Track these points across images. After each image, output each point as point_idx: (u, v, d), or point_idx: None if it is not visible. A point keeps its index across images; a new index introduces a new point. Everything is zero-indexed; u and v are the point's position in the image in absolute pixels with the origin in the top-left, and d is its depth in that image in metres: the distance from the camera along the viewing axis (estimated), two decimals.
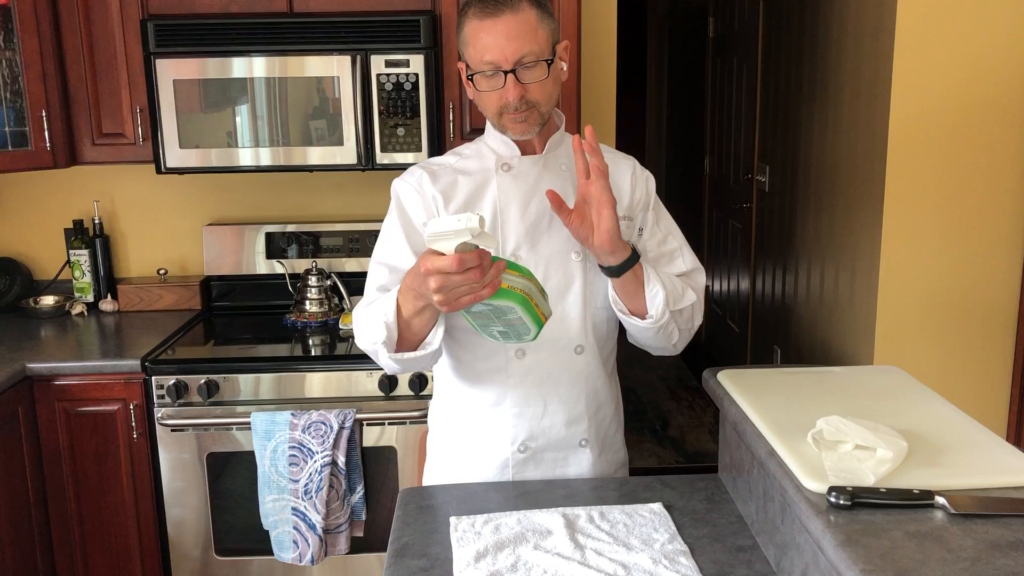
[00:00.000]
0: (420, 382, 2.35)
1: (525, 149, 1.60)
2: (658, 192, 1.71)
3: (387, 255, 1.58)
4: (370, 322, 1.47)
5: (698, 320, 1.62)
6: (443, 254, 1.22)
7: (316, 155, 2.50)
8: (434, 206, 1.57)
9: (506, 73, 1.45)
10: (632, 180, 1.64)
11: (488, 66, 1.46)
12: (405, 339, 1.45)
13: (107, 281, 2.91)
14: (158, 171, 2.52)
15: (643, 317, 1.53)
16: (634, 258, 1.49)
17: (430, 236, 1.21)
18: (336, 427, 2.26)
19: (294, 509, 2.28)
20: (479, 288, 1.24)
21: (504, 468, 1.62)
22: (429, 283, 1.24)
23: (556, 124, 1.63)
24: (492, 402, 1.61)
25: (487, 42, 1.45)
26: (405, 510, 1.48)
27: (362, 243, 2.83)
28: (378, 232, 1.63)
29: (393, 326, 1.42)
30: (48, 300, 2.86)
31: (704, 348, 5.28)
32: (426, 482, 1.76)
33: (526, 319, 1.31)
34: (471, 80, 1.50)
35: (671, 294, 1.53)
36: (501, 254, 1.53)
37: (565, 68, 1.56)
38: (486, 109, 1.54)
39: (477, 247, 1.21)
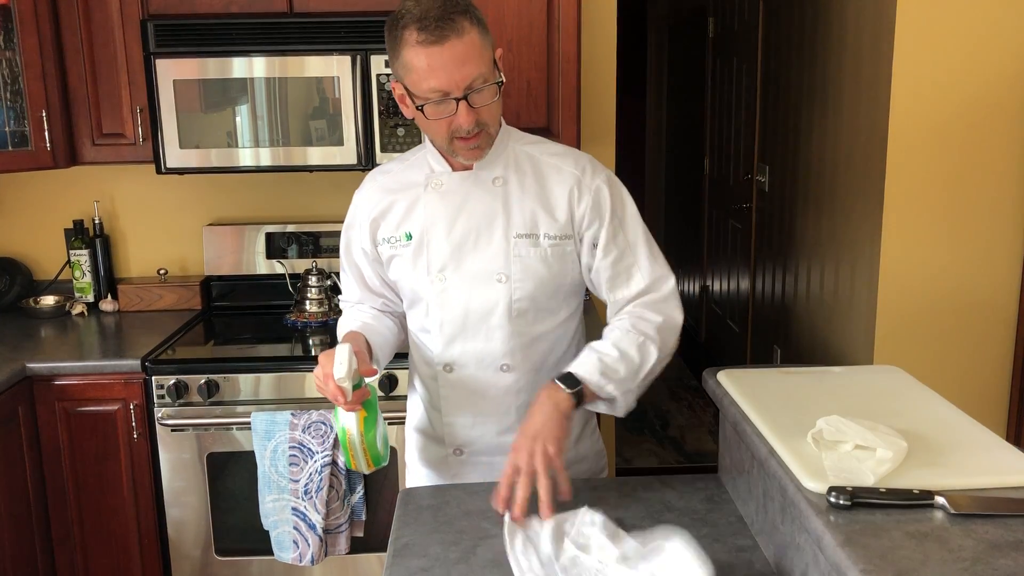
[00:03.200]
0: None
1: (457, 163, 1.56)
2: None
3: (342, 270, 1.72)
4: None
5: (669, 348, 1.55)
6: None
7: (316, 155, 2.50)
8: (371, 229, 1.62)
9: (458, 100, 1.40)
10: (572, 196, 1.54)
11: (437, 94, 1.40)
12: None
13: (107, 281, 2.91)
14: (158, 171, 2.52)
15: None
16: (577, 392, 1.43)
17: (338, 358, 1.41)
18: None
19: (294, 509, 2.28)
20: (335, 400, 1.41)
21: (443, 465, 1.70)
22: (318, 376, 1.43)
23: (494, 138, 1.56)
24: (432, 404, 1.68)
25: (435, 70, 1.38)
26: (405, 510, 1.48)
27: None
28: None
29: None
30: (48, 300, 2.86)
31: (704, 348, 5.28)
32: (406, 462, 1.84)
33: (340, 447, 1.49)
34: (420, 110, 1.43)
35: (628, 376, 1.47)
36: (427, 272, 1.58)
37: (503, 77, 1.48)
38: (434, 135, 1.50)
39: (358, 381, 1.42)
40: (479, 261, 1.55)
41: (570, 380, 1.44)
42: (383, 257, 1.63)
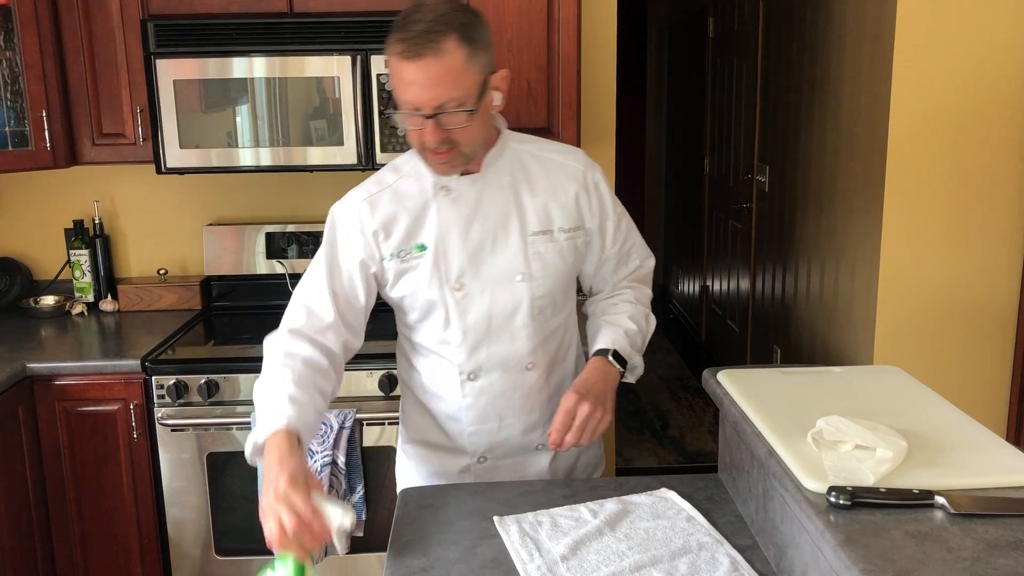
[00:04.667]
0: None
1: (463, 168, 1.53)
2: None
3: (308, 294, 1.54)
4: (256, 403, 1.43)
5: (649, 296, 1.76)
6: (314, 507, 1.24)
7: (316, 155, 2.50)
8: (375, 243, 1.53)
9: (426, 117, 1.38)
10: (579, 194, 1.59)
11: (408, 107, 1.39)
12: None
13: (107, 281, 2.91)
14: (158, 171, 2.52)
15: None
16: (622, 361, 1.59)
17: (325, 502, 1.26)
18: (336, 427, 2.26)
19: None
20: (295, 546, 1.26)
21: (465, 474, 1.67)
22: (278, 508, 1.24)
23: (495, 136, 1.56)
24: (450, 416, 1.64)
25: (407, 84, 1.37)
26: (405, 510, 1.48)
27: None
28: None
29: (259, 452, 1.38)
30: (48, 300, 2.86)
31: (704, 348, 5.28)
32: (398, 477, 1.79)
33: None
34: (396, 114, 1.43)
35: (643, 346, 1.66)
36: (445, 282, 1.54)
37: (500, 99, 1.48)
38: (410, 141, 1.48)
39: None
40: (498, 263, 1.55)
41: (616, 357, 1.58)
42: (389, 274, 1.55)
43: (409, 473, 1.74)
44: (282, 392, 1.40)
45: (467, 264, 1.54)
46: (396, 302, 1.60)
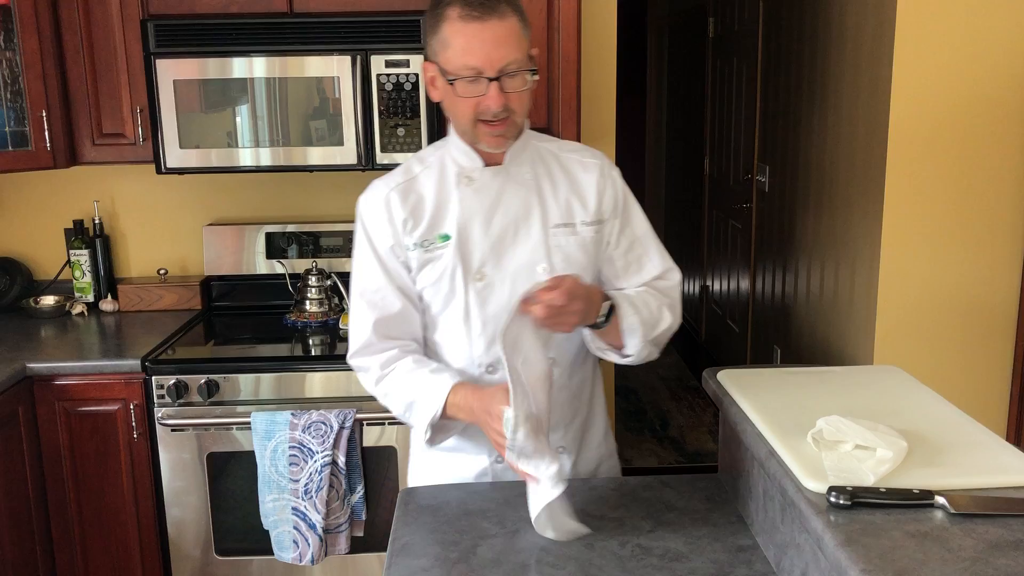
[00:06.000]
0: None
1: (488, 159, 1.55)
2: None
3: (372, 294, 1.56)
4: (409, 410, 1.51)
5: (675, 325, 1.59)
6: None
7: (316, 155, 2.50)
8: (403, 231, 1.54)
9: (490, 80, 1.41)
10: (599, 184, 1.59)
11: (471, 71, 1.41)
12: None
13: (107, 281, 2.91)
14: (158, 171, 2.52)
15: (619, 348, 1.53)
16: (609, 304, 1.47)
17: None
18: (336, 427, 2.26)
19: (294, 509, 2.28)
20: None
21: (483, 475, 1.63)
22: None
23: (520, 131, 1.57)
24: None
25: (473, 46, 1.40)
26: (405, 510, 1.48)
27: None
28: None
29: (436, 424, 1.48)
30: (48, 300, 2.86)
31: (704, 348, 5.28)
32: (411, 483, 1.75)
33: None
34: (452, 84, 1.43)
35: (646, 324, 1.51)
36: (466, 271, 1.53)
37: (536, 76, 1.50)
38: (460, 116, 1.48)
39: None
40: (520, 255, 1.54)
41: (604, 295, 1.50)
42: (413, 263, 1.55)
43: (425, 479, 1.69)
44: (421, 373, 1.51)
45: (489, 254, 1.54)
46: (417, 293, 1.60)
